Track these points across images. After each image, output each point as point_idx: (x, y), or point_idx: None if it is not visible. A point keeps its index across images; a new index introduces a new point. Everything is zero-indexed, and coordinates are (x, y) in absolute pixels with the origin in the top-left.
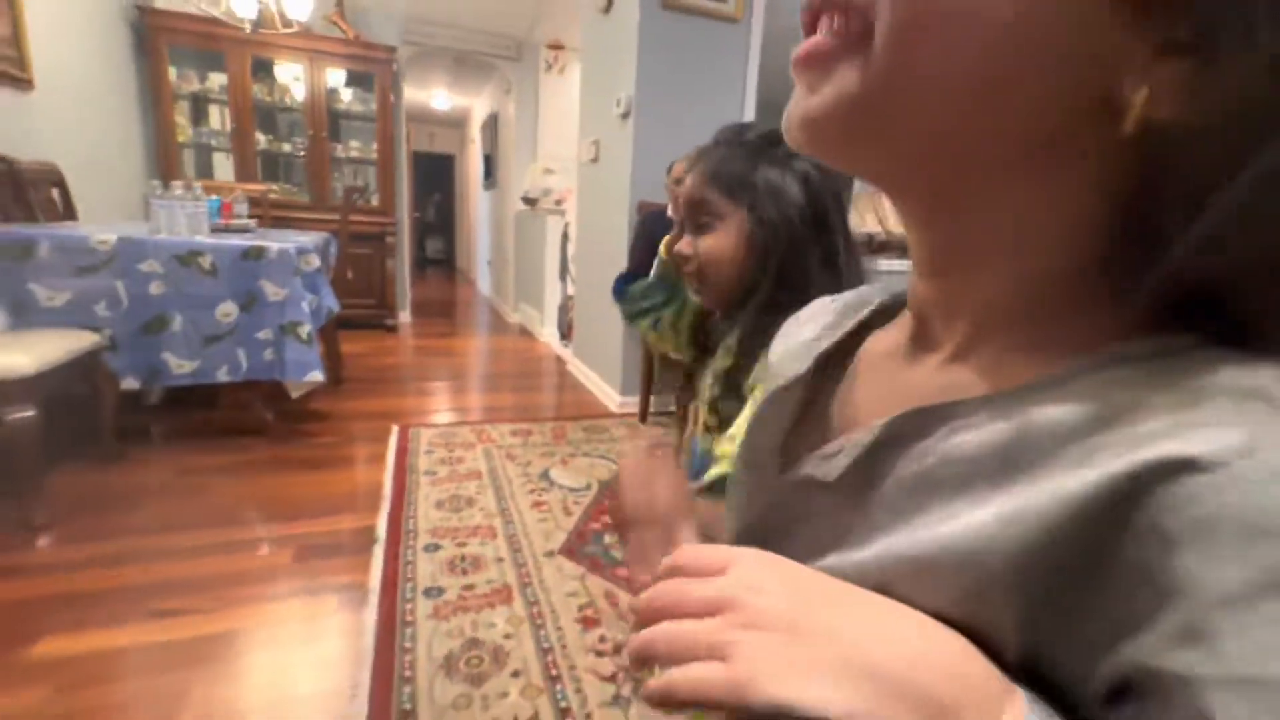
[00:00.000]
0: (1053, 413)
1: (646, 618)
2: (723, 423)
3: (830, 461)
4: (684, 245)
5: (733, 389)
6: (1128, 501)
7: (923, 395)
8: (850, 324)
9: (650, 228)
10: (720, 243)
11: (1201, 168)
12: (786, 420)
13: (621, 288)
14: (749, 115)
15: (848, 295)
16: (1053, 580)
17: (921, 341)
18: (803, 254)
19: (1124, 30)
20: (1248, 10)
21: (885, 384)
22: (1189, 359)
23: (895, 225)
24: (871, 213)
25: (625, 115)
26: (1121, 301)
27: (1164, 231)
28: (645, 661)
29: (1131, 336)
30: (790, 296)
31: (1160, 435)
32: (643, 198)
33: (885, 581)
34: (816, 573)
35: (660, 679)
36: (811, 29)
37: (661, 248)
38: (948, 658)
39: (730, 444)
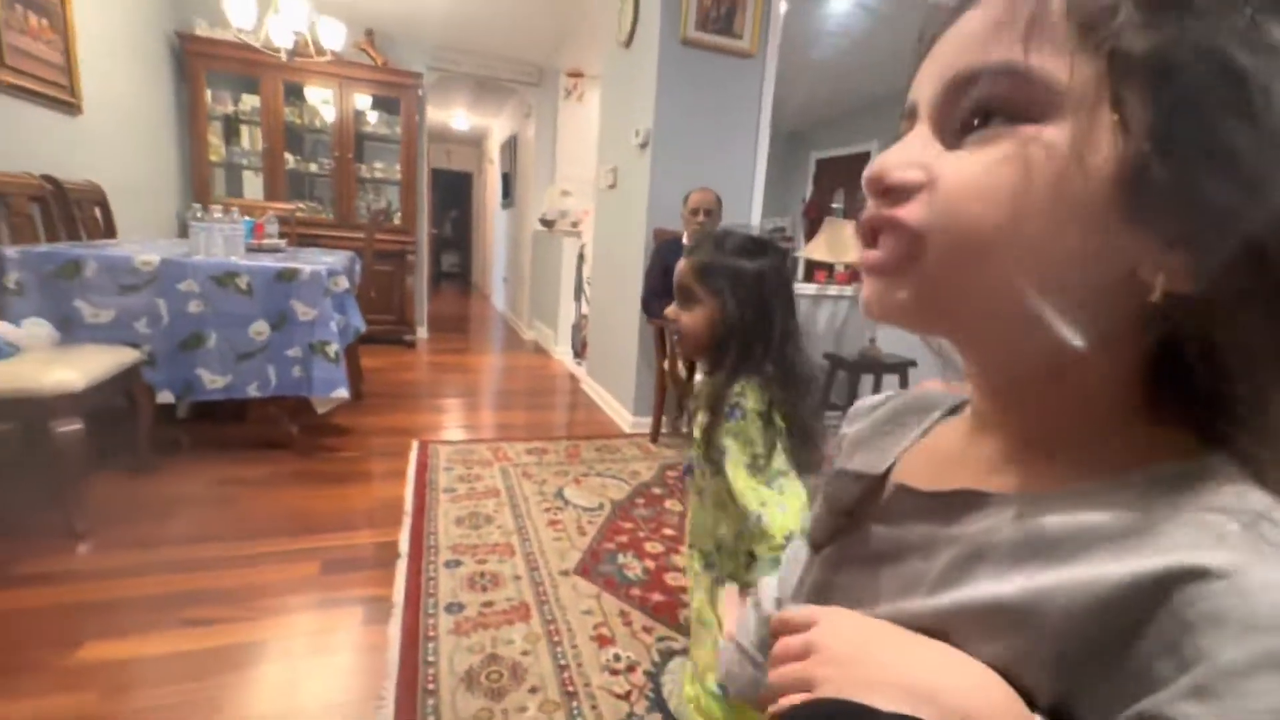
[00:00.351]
0: (1096, 517)
1: (773, 664)
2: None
3: (899, 522)
4: (672, 312)
5: (709, 427)
6: (1157, 593)
7: (978, 485)
8: (922, 427)
9: (665, 254)
10: (696, 320)
11: (1213, 320)
12: (856, 493)
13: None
14: (763, 145)
15: (909, 395)
16: (1089, 645)
17: (977, 439)
18: (755, 335)
19: (1135, 232)
20: (1223, 219)
21: (947, 468)
22: (1203, 483)
23: None
24: None
25: (643, 145)
26: (1155, 423)
27: (1191, 371)
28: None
29: (1163, 453)
30: (746, 365)
31: (1183, 547)
32: (658, 225)
33: (943, 630)
34: (879, 621)
35: (774, 706)
36: (871, 239)
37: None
38: (979, 685)
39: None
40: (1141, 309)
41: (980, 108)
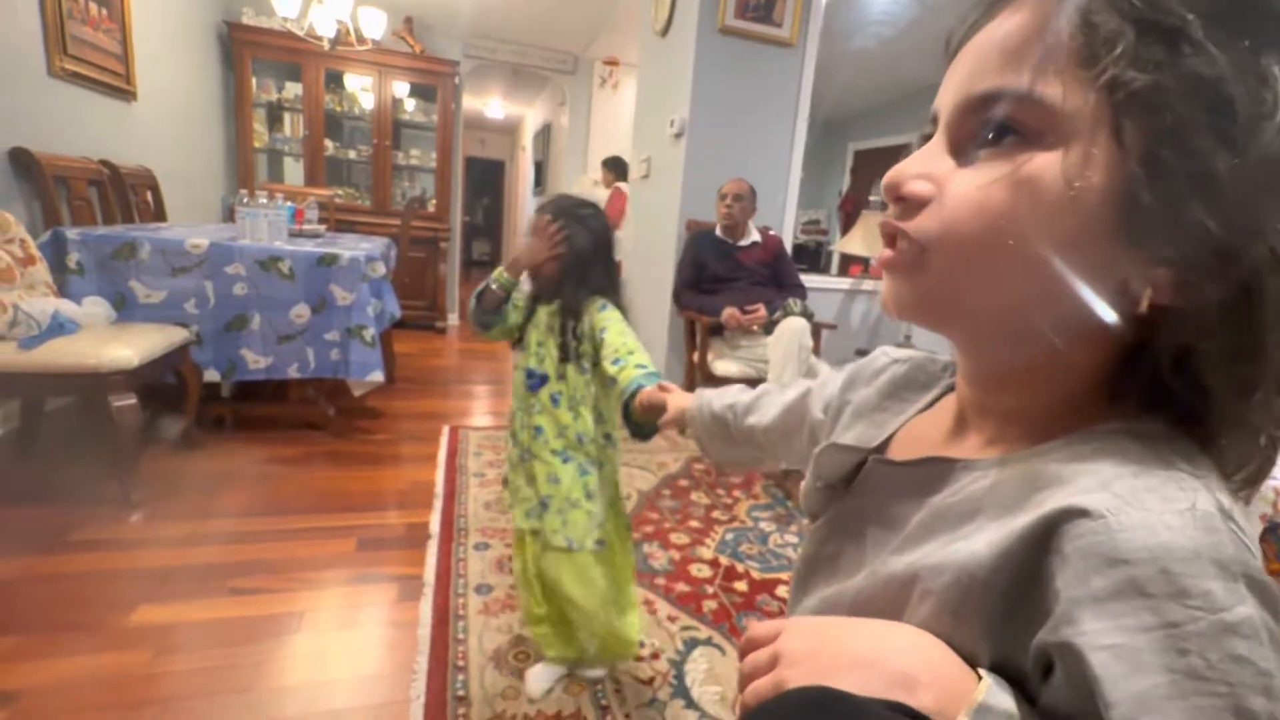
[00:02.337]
0: (1030, 470)
1: (743, 681)
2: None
3: (876, 493)
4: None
5: (556, 332)
6: (1047, 534)
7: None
8: (920, 404)
9: (698, 246)
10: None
11: (1191, 330)
12: (846, 465)
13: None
14: (800, 137)
15: (919, 360)
16: (1009, 589)
17: (960, 427)
18: (589, 267)
19: (1124, 248)
20: (1205, 241)
21: (930, 449)
22: (1129, 440)
23: None
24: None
25: (678, 136)
26: (1114, 405)
27: (1157, 361)
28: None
29: (1110, 417)
30: (583, 287)
31: (1076, 492)
32: (691, 216)
33: (906, 591)
34: (832, 618)
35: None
36: (889, 241)
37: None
38: (914, 646)
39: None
40: (1127, 316)
41: (990, 127)
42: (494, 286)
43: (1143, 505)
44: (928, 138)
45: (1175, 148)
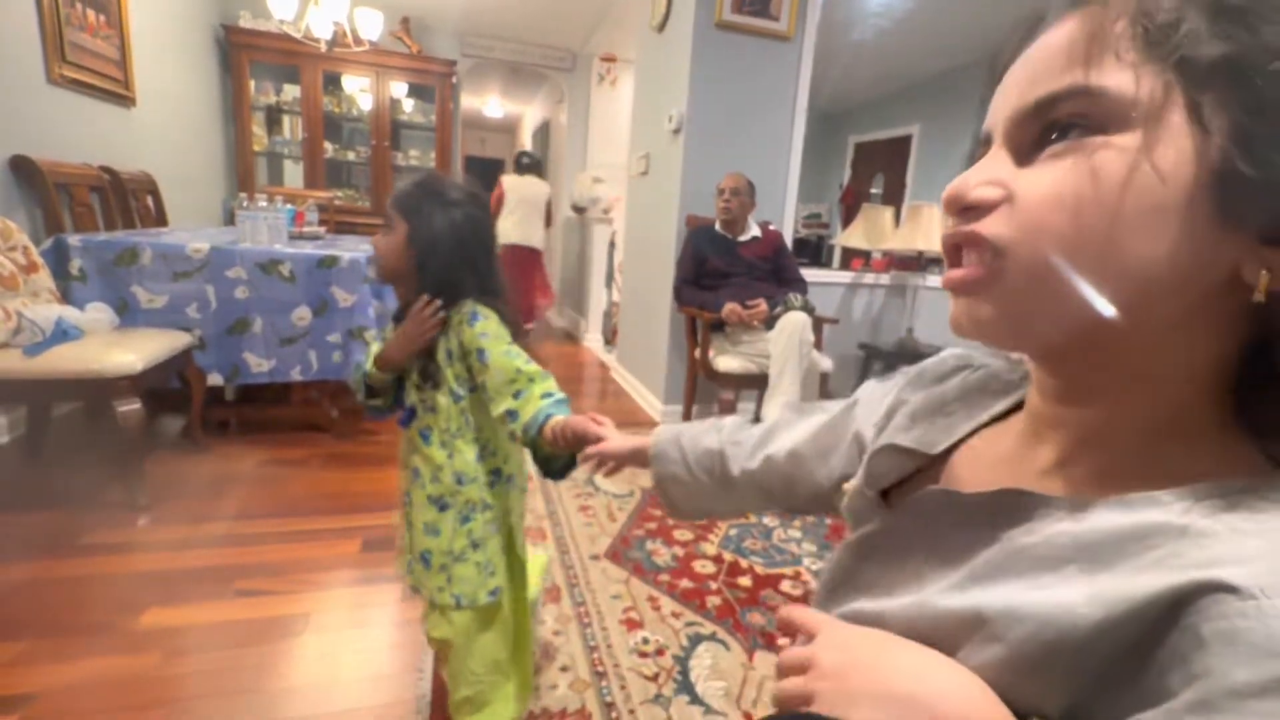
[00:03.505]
0: (1140, 524)
1: (780, 674)
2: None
3: (935, 519)
4: (373, 240)
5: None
6: (1178, 606)
7: (1025, 485)
8: (990, 412)
9: (697, 242)
10: (390, 243)
11: None
12: (902, 470)
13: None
14: (799, 130)
15: (994, 368)
16: (1112, 654)
17: (1032, 442)
18: (449, 265)
19: (1231, 233)
20: None
21: (996, 471)
22: (1260, 500)
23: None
24: (920, 232)
25: (676, 131)
26: (1227, 436)
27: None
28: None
29: (1229, 468)
30: (459, 292)
31: (1213, 563)
32: (691, 211)
33: (963, 627)
34: (870, 631)
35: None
36: (955, 257)
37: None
38: (955, 688)
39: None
40: (1239, 310)
41: (1054, 125)
42: (372, 386)
43: None
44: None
45: (1266, 115)
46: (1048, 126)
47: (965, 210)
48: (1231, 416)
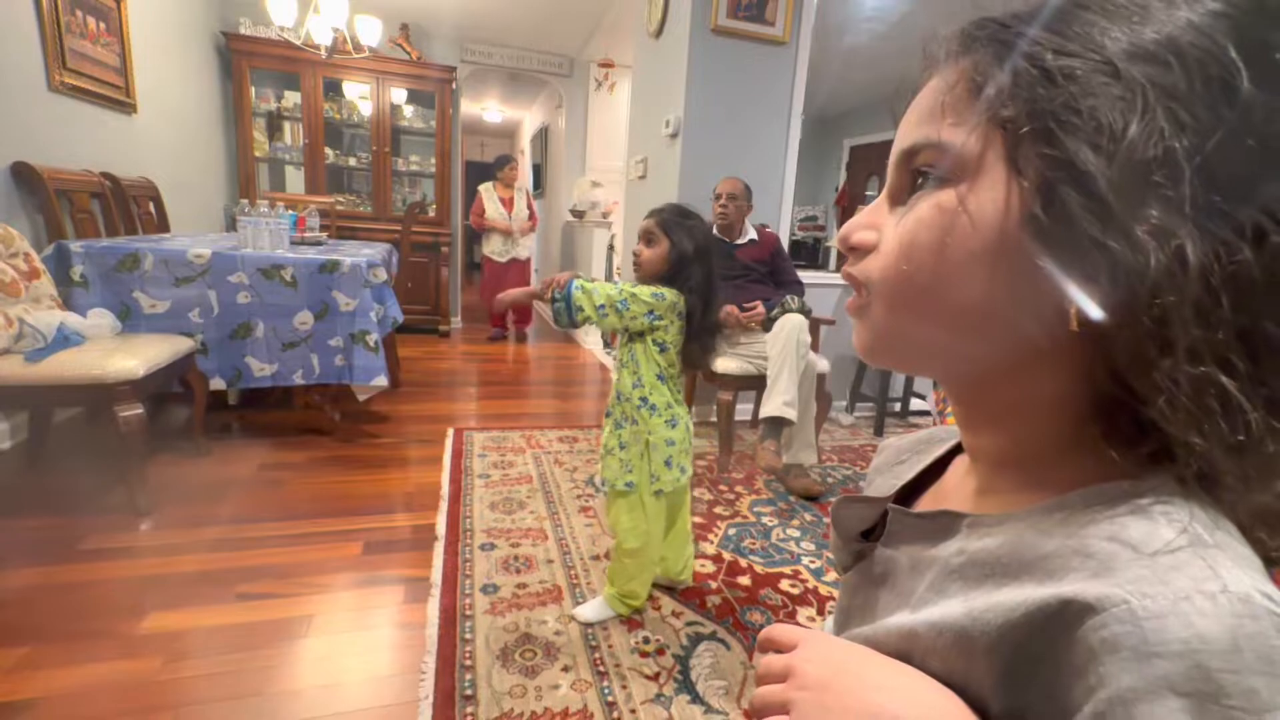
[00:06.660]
0: (1025, 539)
1: (759, 682)
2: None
3: (895, 545)
4: (636, 249)
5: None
6: (1064, 618)
7: (958, 507)
8: (937, 453)
9: None
10: (655, 253)
11: (1137, 354)
12: (863, 519)
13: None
14: (794, 134)
15: (939, 429)
16: (1018, 666)
17: (970, 469)
18: (689, 269)
19: (1048, 271)
20: (1100, 253)
21: (947, 499)
22: (1131, 502)
23: None
24: None
25: (674, 136)
26: (1104, 450)
27: (1127, 399)
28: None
29: (1108, 473)
30: (684, 283)
31: (1095, 571)
32: None
33: (916, 647)
34: (854, 646)
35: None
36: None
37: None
38: (936, 708)
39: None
40: (1082, 346)
41: (917, 174)
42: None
43: (1169, 586)
44: None
45: (1058, 168)
46: (913, 174)
47: (851, 250)
48: (1109, 428)
